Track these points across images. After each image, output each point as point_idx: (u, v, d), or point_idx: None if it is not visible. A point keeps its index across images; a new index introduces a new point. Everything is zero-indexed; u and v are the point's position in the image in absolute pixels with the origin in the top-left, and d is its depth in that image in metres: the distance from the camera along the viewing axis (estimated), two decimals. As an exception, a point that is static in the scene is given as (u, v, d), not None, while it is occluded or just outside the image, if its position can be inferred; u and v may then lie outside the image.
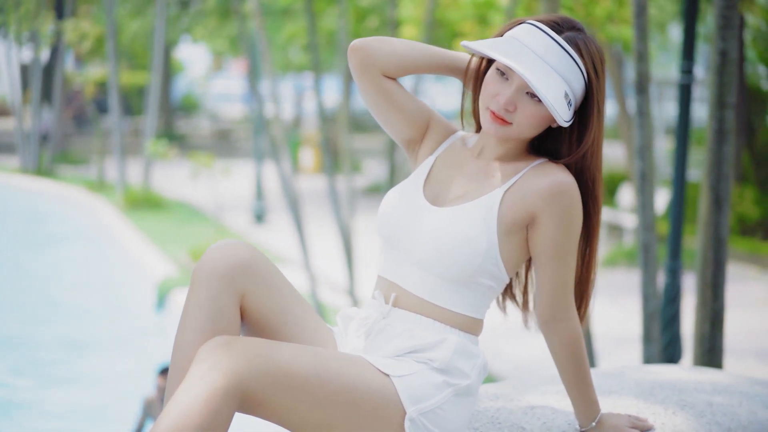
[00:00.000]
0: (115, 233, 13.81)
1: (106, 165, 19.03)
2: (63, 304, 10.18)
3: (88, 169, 20.86)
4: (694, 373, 2.94)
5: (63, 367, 8.10)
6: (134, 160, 19.60)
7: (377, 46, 2.32)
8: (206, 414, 1.93)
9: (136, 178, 17.57)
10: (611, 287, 10.83)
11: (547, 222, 2.21)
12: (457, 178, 2.32)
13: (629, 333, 7.96)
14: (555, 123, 2.26)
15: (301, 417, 2.07)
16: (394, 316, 2.28)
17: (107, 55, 17.55)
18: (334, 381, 2.09)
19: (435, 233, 2.23)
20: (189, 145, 24.98)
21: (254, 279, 2.19)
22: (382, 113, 2.39)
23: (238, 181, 17.82)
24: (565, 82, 2.19)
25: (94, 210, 15.97)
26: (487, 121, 2.24)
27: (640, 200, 4.52)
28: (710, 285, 4.20)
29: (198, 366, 1.98)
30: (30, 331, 9.08)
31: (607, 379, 2.76)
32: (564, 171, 2.24)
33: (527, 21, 2.23)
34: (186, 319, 2.14)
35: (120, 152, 16.67)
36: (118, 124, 17.04)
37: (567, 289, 2.24)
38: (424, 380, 2.18)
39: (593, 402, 2.31)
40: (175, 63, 32.44)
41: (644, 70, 4.38)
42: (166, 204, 16.04)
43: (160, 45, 16.75)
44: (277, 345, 2.08)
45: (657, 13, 13.73)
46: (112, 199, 16.35)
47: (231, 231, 13.71)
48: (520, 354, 7.86)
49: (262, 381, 2.00)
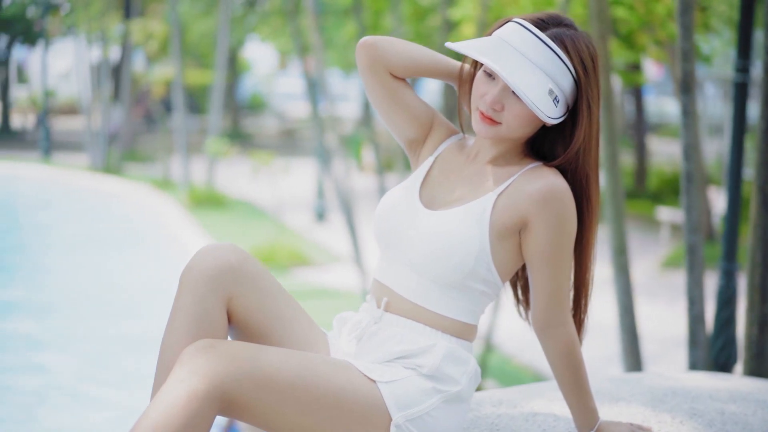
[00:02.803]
0: (178, 231, 13.97)
1: (171, 163, 19.28)
2: (126, 301, 10.34)
3: (154, 167, 21.15)
4: (715, 381, 2.86)
5: (122, 363, 8.24)
6: (200, 158, 19.82)
7: (386, 45, 2.32)
8: (185, 417, 1.91)
9: (202, 176, 17.77)
10: (672, 289, 10.68)
11: (539, 226, 2.16)
12: (453, 181, 2.29)
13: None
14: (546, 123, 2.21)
15: (285, 421, 2.05)
16: (386, 321, 2.25)
17: (171, 55, 17.77)
18: (319, 385, 2.06)
19: (427, 236, 2.20)
20: (255, 144, 25.22)
21: (242, 282, 2.17)
22: (386, 111, 2.37)
23: (301, 180, 17.93)
24: (550, 79, 2.15)
25: (158, 208, 16.18)
26: (477, 121, 2.21)
27: (686, 201, 4.43)
28: (758, 288, 4.10)
29: (179, 369, 1.97)
30: (95, 326, 9.25)
31: (621, 385, 2.70)
32: (556, 175, 2.19)
33: (513, 19, 2.20)
34: (172, 322, 2.13)
35: (184, 151, 16.86)
36: (183, 122, 17.24)
37: (562, 294, 2.20)
38: (412, 386, 2.15)
39: (591, 410, 2.26)
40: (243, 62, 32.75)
41: (689, 69, 4.28)
42: (228, 202, 16.20)
43: (223, 44, 16.91)
44: (260, 348, 2.06)
45: (726, 9, 13.49)
46: (177, 197, 16.55)
47: (290, 229, 13.79)
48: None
49: (244, 384, 1.99)
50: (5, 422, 6.79)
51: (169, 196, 16.80)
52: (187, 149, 17.29)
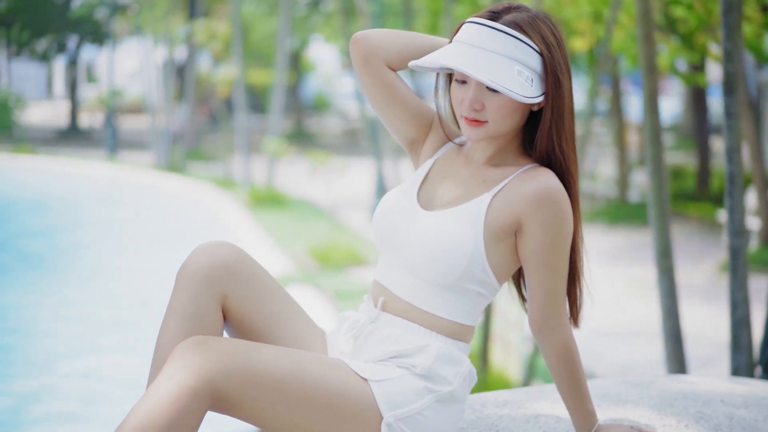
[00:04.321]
0: (238, 229, 14.11)
1: (233, 162, 19.48)
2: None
3: (217, 166, 21.39)
4: (734, 385, 2.82)
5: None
6: (261, 157, 20.00)
7: (380, 34, 2.33)
8: (173, 412, 1.93)
9: (263, 175, 17.93)
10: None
11: (534, 228, 2.16)
12: (450, 182, 2.30)
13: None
14: (531, 107, 2.22)
15: (276, 418, 2.07)
16: (382, 321, 2.26)
17: (232, 55, 17.96)
18: (311, 383, 2.08)
19: (422, 237, 2.21)
20: (318, 144, 25.36)
21: (237, 280, 2.20)
22: (384, 110, 2.37)
23: (360, 179, 17.99)
24: (515, 61, 2.15)
25: (219, 206, 16.36)
26: (465, 128, 2.22)
27: (729, 203, 4.37)
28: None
29: (169, 365, 1.99)
30: (157, 324, 9.35)
31: (632, 388, 2.68)
32: (550, 176, 2.19)
33: (466, 21, 2.22)
34: (167, 320, 2.16)
35: (245, 150, 17.03)
36: (244, 122, 17.41)
37: (558, 296, 2.20)
38: (405, 385, 2.16)
39: (589, 412, 2.25)
40: (307, 62, 32.93)
41: (733, 70, 4.22)
42: (288, 201, 16.32)
43: (284, 45, 17.03)
44: (252, 345, 2.08)
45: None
46: (238, 195, 16.73)
47: (347, 228, 13.85)
48: (622, 356, 7.72)
49: (234, 381, 2.00)
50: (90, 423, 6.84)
51: (229, 195, 16.98)
52: (250, 148, 17.45)
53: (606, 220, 14.86)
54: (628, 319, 8.80)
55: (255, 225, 13.96)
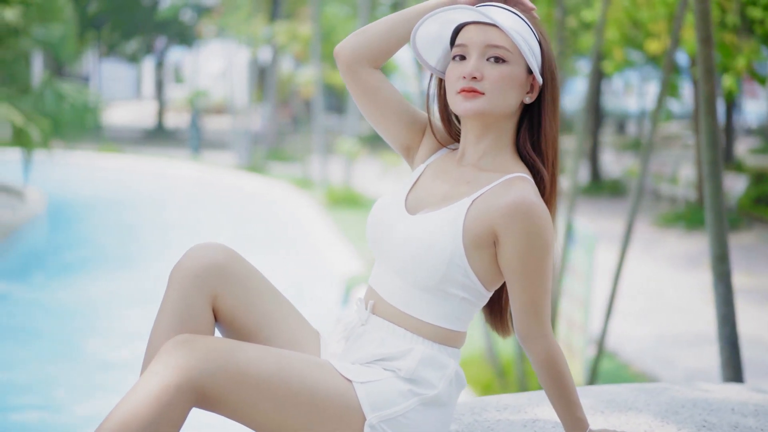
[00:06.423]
0: (313, 229, 14.25)
1: (311, 162, 19.66)
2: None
3: (297, 166, 21.59)
4: (753, 394, 2.76)
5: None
6: (339, 158, 20.16)
7: (353, 40, 2.33)
8: (156, 408, 1.97)
9: (340, 175, 18.07)
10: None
11: (509, 241, 2.14)
12: (438, 185, 2.30)
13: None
14: (529, 81, 2.22)
15: (260, 417, 2.09)
16: (371, 324, 2.27)
17: (311, 56, 18.13)
18: (294, 382, 2.10)
19: (405, 240, 2.21)
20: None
21: (228, 281, 2.22)
22: (378, 116, 2.38)
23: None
24: (520, 36, 2.18)
25: (297, 206, 16.54)
26: (460, 102, 2.21)
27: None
28: None
29: (155, 362, 2.03)
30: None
31: (639, 394, 2.65)
32: (530, 188, 2.17)
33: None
34: (158, 320, 2.20)
35: (323, 150, 17.17)
36: (322, 123, 17.56)
37: (538, 307, 2.17)
38: (389, 387, 2.17)
39: (579, 419, 2.22)
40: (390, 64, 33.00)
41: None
42: (364, 202, 16.42)
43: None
44: (237, 344, 2.10)
45: None
46: (315, 195, 16.89)
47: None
48: (689, 362, 7.62)
49: (218, 378, 2.03)
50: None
51: (307, 195, 17.16)
52: (327, 149, 17.59)
53: (684, 225, 14.64)
54: (701, 326, 8.67)
55: (330, 224, 14.08)
